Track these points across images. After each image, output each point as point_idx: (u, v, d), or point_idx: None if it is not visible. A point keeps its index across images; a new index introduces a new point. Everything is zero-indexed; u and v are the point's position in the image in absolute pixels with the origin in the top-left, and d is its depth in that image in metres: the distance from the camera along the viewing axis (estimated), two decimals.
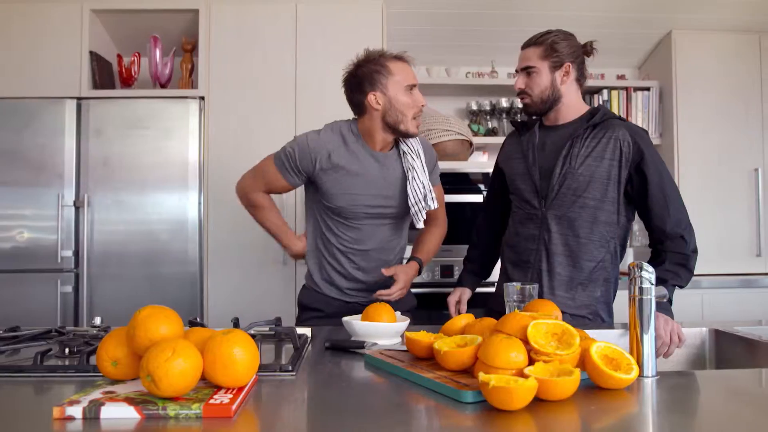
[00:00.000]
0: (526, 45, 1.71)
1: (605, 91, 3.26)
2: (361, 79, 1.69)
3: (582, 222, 1.64)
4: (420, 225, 1.75)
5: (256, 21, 2.88)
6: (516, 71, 1.74)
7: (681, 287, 1.58)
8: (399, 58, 1.72)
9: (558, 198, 1.65)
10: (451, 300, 1.87)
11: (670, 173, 1.67)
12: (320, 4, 2.90)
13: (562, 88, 1.68)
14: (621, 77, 3.44)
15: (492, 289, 1.89)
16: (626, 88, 3.28)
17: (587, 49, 1.72)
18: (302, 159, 1.72)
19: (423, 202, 1.73)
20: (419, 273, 1.82)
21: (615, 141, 1.62)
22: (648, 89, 3.28)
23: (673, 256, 1.59)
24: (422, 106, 1.71)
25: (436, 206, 1.76)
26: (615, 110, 3.26)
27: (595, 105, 1.76)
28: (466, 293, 1.88)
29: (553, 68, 1.67)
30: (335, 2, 2.90)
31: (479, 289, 1.93)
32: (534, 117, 1.78)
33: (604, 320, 1.68)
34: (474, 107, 3.39)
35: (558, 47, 1.66)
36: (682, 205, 1.64)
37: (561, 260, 1.65)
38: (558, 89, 1.68)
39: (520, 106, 3.25)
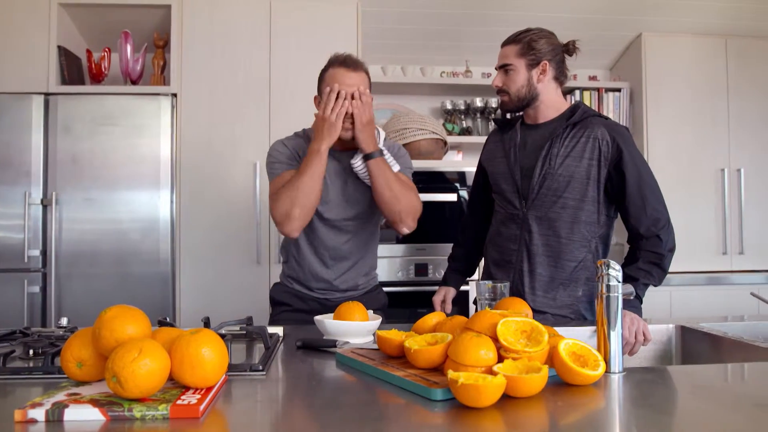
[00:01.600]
0: (505, 43, 1.71)
1: (577, 92, 3.31)
2: (318, 84, 1.76)
3: (562, 222, 1.64)
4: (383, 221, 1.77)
5: (229, 17, 2.85)
6: (495, 69, 1.74)
7: (654, 285, 1.60)
8: (341, 63, 1.68)
9: (538, 198, 1.66)
10: (437, 300, 1.87)
11: (652, 173, 1.66)
12: (295, 2, 2.88)
13: (539, 86, 1.68)
14: (593, 78, 3.50)
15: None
16: (598, 89, 3.33)
17: (569, 49, 1.71)
18: (285, 150, 1.75)
19: None
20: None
21: (594, 140, 1.62)
22: (619, 90, 3.34)
23: (648, 255, 1.60)
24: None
25: None
26: None
27: (583, 104, 1.75)
28: (450, 292, 1.89)
29: (529, 66, 1.66)
30: (310, 0, 2.89)
31: (420, 289, 1.90)
32: (513, 115, 1.79)
33: (587, 319, 1.68)
34: (448, 106, 3.41)
35: (535, 45, 1.66)
36: (662, 204, 1.64)
37: (542, 260, 1.65)
38: (534, 87, 1.68)
39: (494, 105, 3.32)
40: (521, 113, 1.77)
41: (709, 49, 3.28)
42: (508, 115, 1.84)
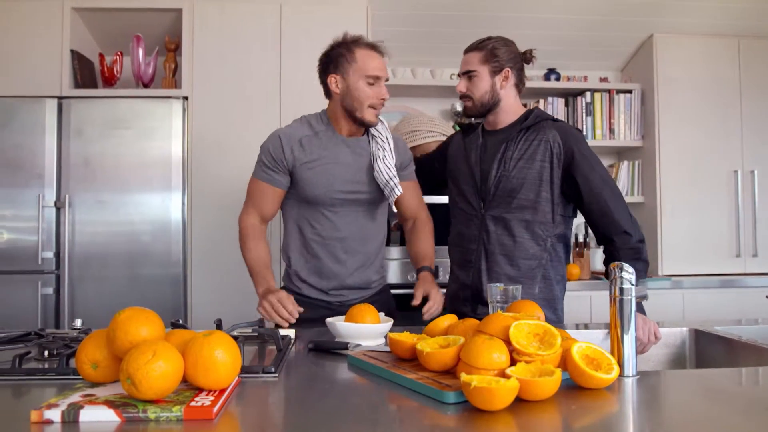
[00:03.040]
0: (468, 50, 1.77)
1: (588, 93, 3.29)
2: (328, 61, 1.73)
3: (516, 222, 1.70)
4: (394, 207, 1.78)
5: (240, 21, 2.87)
6: (458, 75, 1.80)
7: (642, 279, 1.63)
8: (371, 46, 1.72)
9: (495, 199, 1.72)
10: None
11: (606, 169, 1.73)
12: (304, 5, 2.89)
13: (501, 92, 1.74)
14: (604, 80, 3.48)
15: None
16: (609, 91, 3.31)
17: (527, 57, 1.77)
18: (276, 150, 1.74)
19: (395, 179, 1.73)
20: (436, 276, 1.85)
21: (546, 143, 1.69)
22: (630, 92, 3.32)
23: (625, 253, 1.63)
24: (383, 99, 1.72)
25: (400, 191, 1.74)
26: (598, 113, 3.30)
27: (538, 109, 1.83)
28: None
29: (492, 72, 1.73)
30: (320, 3, 2.90)
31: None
32: (474, 120, 1.84)
33: (546, 317, 1.71)
34: (458, 108, 3.40)
35: (498, 53, 1.72)
36: (621, 200, 1.69)
37: (499, 260, 1.71)
38: (497, 93, 1.74)
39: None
40: (482, 120, 1.83)
41: (722, 50, 3.25)
42: (473, 121, 1.88)
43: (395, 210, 1.81)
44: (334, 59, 1.71)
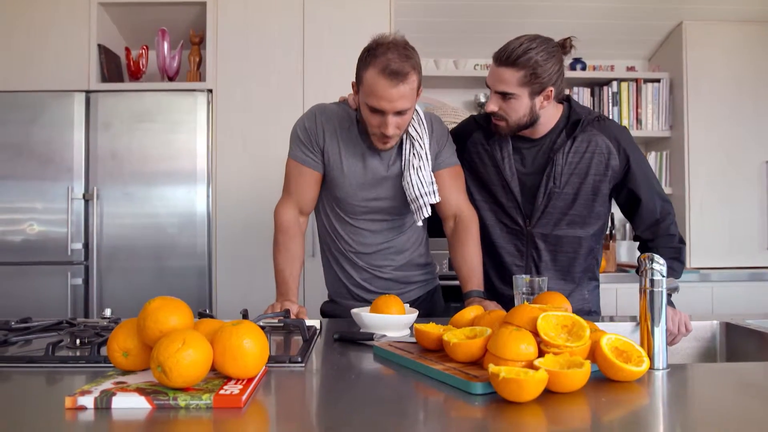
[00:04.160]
0: (503, 62, 1.49)
1: (615, 83, 3.24)
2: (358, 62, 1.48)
3: (570, 238, 1.63)
4: (419, 223, 1.58)
5: (263, 13, 2.88)
6: (487, 85, 1.56)
7: (676, 278, 1.60)
8: (384, 70, 1.38)
9: (544, 217, 1.62)
10: None
11: (651, 166, 1.66)
12: None
13: (540, 111, 1.54)
14: (631, 69, 3.42)
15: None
16: (636, 80, 3.25)
17: (566, 49, 1.53)
18: (311, 125, 1.59)
19: (425, 197, 1.54)
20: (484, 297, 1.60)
21: (600, 156, 1.57)
22: (658, 81, 3.25)
23: (665, 251, 1.59)
24: (382, 133, 1.47)
25: (438, 200, 1.58)
26: (624, 103, 3.24)
27: (574, 103, 1.64)
28: None
29: (533, 94, 1.50)
30: None
31: (451, 283, 1.86)
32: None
33: (597, 312, 1.73)
34: (482, 99, 3.37)
35: (540, 71, 1.46)
36: (667, 202, 1.64)
37: (551, 275, 1.64)
38: (536, 113, 1.54)
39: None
40: None
41: (755, 37, 3.16)
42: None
43: (420, 224, 1.60)
44: (358, 62, 1.47)
